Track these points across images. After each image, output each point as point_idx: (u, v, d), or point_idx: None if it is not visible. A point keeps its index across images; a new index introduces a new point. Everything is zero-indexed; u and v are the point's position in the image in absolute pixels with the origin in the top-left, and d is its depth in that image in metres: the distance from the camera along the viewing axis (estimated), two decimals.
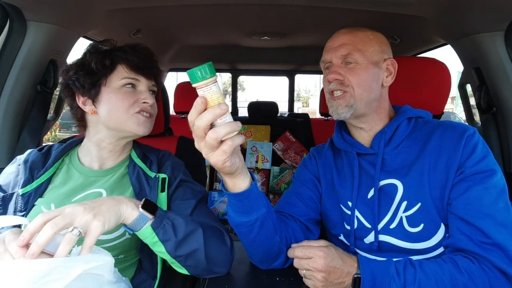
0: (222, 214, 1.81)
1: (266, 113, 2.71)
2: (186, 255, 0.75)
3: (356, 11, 1.35)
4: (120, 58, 0.87)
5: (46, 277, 0.53)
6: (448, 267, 0.70)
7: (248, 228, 0.78)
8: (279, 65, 3.21)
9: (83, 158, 0.93)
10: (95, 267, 0.58)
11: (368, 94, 0.84)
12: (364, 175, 0.88)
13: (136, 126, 0.87)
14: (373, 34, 0.88)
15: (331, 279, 0.72)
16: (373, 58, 0.85)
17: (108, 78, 0.86)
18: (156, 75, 0.93)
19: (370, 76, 0.84)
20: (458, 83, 1.55)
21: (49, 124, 1.38)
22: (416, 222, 0.79)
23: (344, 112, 0.84)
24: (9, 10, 1.13)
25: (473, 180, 0.75)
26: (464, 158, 0.76)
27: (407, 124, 0.87)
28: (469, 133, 0.78)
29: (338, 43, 0.86)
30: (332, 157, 0.97)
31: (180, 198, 0.88)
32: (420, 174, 0.80)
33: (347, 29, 0.88)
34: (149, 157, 0.94)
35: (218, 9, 1.60)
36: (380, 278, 0.70)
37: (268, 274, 0.84)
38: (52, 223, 0.57)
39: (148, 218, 0.71)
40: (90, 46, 0.91)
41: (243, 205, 0.75)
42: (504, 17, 1.17)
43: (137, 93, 0.88)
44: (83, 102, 0.88)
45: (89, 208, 0.62)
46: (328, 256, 0.72)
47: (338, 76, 0.84)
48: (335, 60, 0.86)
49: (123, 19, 1.58)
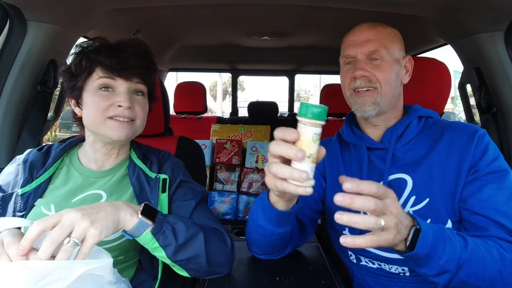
0: (222, 214, 1.81)
1: (266, 113, 2.71)
2: (187, 259, 0.75)
3: (356, 11, 1.35)
4: (94, 60, 0.83)
5: (47, 278, 0.53)
6: (493, 244, 0.70)
7: (270, 234, 0.79)
8: (279, 65, 3.21)
9: (82, 159, 0.92)
10: (96, 268, 0.58)
11: (393, 91, 0.85)
12: (373, 169, 0.87)
13: (110, 131, 0.82)
14: (393, 31, 0.87)
15: (399, 229, 0.59)
16: (396, 55, 0.85)
17: (86, 81, 0.84)
18: (141, 74, 0.86)
19: (394, 73, 0.85)
20: (457, 83, 1.55)
21: (49, 124, 1.38)
22: (423, 217, 0.79)
23: (371, 109, 0.84)
24: (9, 10, 1.13)
25: (486, 180, 0.76)
26: (477, 158, 0.78)
27: (418, 123, 0.88)
28: (480, 133, 0.80)
29: (363, 38, 0.84)
30: (339, 150, 0.96)
31: (180, 199, 0.88)
32: (430, 170, 0.81)
33: (369, 24, 0.86)
34: (149, 158, 0.93)
35: (218, 9, 1.60)
36: (436, 237, 0.63)
37: (268, 274, 0.84)
38: (52, 238, 0.57)
39: (148, 225, 0.70)
40: (75, 47, 0.89)
41: (278, 220, 0.75)
42: (504, 17, 1.17)
43: (114, 95, 0.83)
44: (74, 104, 0.88)
45: (87, 214, 0.61)
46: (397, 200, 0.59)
47: (366, 72, 0.83)
48: (360, 56, 0.84)
49: (123, 19, 1.58)
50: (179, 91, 2.54)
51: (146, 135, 1.07)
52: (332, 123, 2.72)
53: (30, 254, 0.57)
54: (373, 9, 1.34)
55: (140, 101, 0.87)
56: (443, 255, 0.63)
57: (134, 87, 0.86)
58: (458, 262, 0.64)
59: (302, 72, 3.45)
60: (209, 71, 3.65)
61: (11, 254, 0.57)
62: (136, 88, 0.87)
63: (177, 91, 2.55)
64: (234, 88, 3.47)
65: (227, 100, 23.54)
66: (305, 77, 37.78)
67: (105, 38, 0.89)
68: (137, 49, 0.87)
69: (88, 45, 0.87)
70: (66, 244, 0.58)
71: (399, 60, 0.87)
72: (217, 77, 24.92)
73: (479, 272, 0.66)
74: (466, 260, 0.65)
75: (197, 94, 2.55)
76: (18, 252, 0.56)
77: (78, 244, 0.59)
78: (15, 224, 0.64)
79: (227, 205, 1.82)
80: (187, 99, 2.55)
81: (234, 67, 3.27)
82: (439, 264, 0.64)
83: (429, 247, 0.62)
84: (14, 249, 0.57)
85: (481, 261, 0.66)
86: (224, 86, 25.50)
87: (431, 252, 0.63)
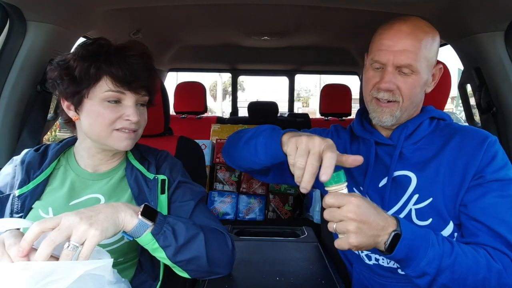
0: (222, 214, 1.81)
1: (266, 113, 2.71)
2: (188, 260, 0.74)
3: (356, 11, 1.35)
4: (104, 70, 0.78)
5: (47, 279, 0.53)
6: (483, 252, 0.71)
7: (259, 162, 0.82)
8: (279, 65, 3.21)
9: (79, 159, 0.90)
10: (96, 268, 0.58)
11: (415, 104, 0.84)
12: (379, 164, 0.87)
13: (117, 142, 0.82)
14: (433, 36, 0.80)
15: (365, 230, 0.65)
16: (429, 66, 0.81)
17: (91, 90, 0.79)
18: (149, 86, 0.85)
19: (421, 86, 0.82)
20: (457, 83, 1.55)
21: (49, 124, 1.38)
22: (425, 216, 0.80)
23: (388, 121, 0.83)
24: (9, 10, 1.13)
25: (491, 187, 0.75)
26: (484, 164, 0.76)
27: (429, 123, 0.87)
28: (490, 140, 0.79)
29: (399, 47, 0.77)
30: (349, 141, 0.96)
31: (179, 200, 0.87)
32: (436, 171, 0.80)
33: (409, 28, 0.78)
34: (147, 159, 0.92)
35: (218, 9, 1.60)
36: (418, 242, 0.67)
37: (268, 274, 0.84)
38: (49, 240, 0.57)
39: (148, 225, 0.70)
40: (78, 47, 0.83)
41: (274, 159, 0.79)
42: (504, 17, 1.17)
43: (121, 108, 0.81)
44: (67, 106, 0.84)
45: (86, 217, 0.61)
46: (362, 205, 0.65)
47: (392, 86, 0.79)
48: (390, 68, 0.79)
49: (123, 19, 1.58)
50: (179, 91, 2.54)
51: (146, 135, 1.07)
52: (332, 123, 2.72)
53: (31, 255, 0.58)
54: (373, 9, 1.34)
55: (143, 111, 0.87)
56: (423, 258, 0.66)
57: (141, 99, 0.85)
58: (438, 267, 0.67)
59: (302, 72, 3.45)
60: (209, 71, 3.65)
61: (12, 255, 0.57)
62: (142, 100, 0.85)
63: (177, 91, 2.55)
64: (234, 88, 3.47)
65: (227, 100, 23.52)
66: (305, 77, 37.79)
67: (108, 40, 0.85)
68: (144, 59, 0.84)
69: (95, 50, 0.81)
70: (66, 248, 0.58)
71: (431, 69, 0.83)
72: (217, 77, 24.91)
73: (461, 278, 0.67)
74: (448, 265, 0.67)
75: (197, 94, 2.55)
76: (18, 253, 0.56)
77: (78, 247, 0.59)
78: (16, 225, 0.64)
79: (227, 205, 1.82)
80: (187, 99, 2.55)
81: (234, 67, 3.27)
82: (419, 266, 0.67)
83: (407, 251, 0.66)
84: (15, 250, 0.57)
85: (465, 268, 0.68)
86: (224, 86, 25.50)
87: (411, 255, 0.67)
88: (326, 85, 2.73)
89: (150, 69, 0.86)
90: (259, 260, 0.91)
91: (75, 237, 0.59)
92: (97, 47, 0.81)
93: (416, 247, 0.66)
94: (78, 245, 0.59)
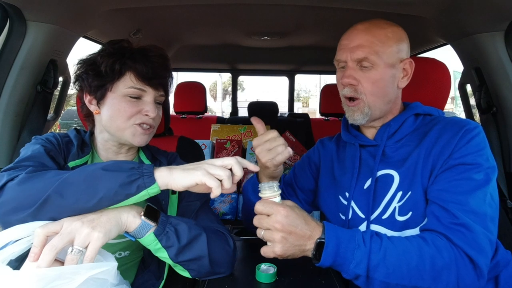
0: (222, 214, 1.81)
1: (266, 113, 2.71)
2: (190, 260, 0.75)
3: (356, 11, 1.35)
4: (129, 66, 0.84)
5: (53, 283, 0.54)
6: (416, 239, 0.70)
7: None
8: (279, 65, 3.21)
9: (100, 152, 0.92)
10: (100, 272, 0.59)
11: (382, 99, 0.84)
12: (364, 166, 0.88)
13: (132, 136, 0.85)
14: (392, 31, 0.83)
15: (291, 241, 0.67)
16: (390, 60, 0.82)
17: (115, 84, 0.84)
18: (165, 84, 0.91)
19: (385, 80, 0.82)
20: (457, 83, 1.55)
21: (49, 124, 1.38)
22: (406, 211, 0.80)
23: (360, 119, 0.85)
24: (9, 10, 1.13)
25: (455, 171, 0.74)
26: (456, 149, 0.75)
27: (414, 120, 0.87)
28: (469, 127, 0.77)
29: (354, 43, 0.81)
30: (336, 148, 0.98)
31: (186, 200, 0.90)
32: (415, 164, 0.80)
33: (364, 26, 0.83)
34: (158, 159, 0.95)
35: (218, 9, 1.60)
36: (344, 245, 0.68)
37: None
38: (50, 245, 0.58)
39: (151, 226, 0.70)
40: (105, 45, 0.88)
41: None
42: (504, 17, 1.17)
43: (141, 103, 0.86)
44: (89, 100, 0.88)
45: (88, 221, 0.62)
46: (289, 216, 0.67)
47: (353, 81, 0.82)
48: (350, 63, 0.82)
49: (123, 19, 1.58)
50: (179, 91, 2.54)
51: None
52: (332, 123, 2.72)
53: None
54: (373, 9, 1.34)
55: (159, 109, 0.91)
56: (352, 261, 0.67)
57: (158, 98, 0.89)
58: (368, 266, 0.67)
59: (302, 72, 3.45)
60: (209, 71, 3.65)
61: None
62: (159, 99, 0.90)
63: (177, 91, 2.55)
64: (234, 88, 3.47)
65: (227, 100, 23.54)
66: (305, 77, 37.82)
67: (130, 43, 0.89)
68: (164, 59, 0.89)
69: (121, 48, 0.86)
70: (70, 253, 0.60)
71: (395, 64, 0.83)
72: (217, 77, 24.94)
73: (396, 270, 0.67)
74: (379, 261, 0.67)
75: (197, 94, 2.55)
76: (30, 259, 0.58)
77: (82, 251, 0.60)
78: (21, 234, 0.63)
79: (227, 205, 1.82)
80: (187, 99, 2.55)
81: (234, 67, 3.27)
82: (349, 269, 0.67)
83: (334, 257, 0.67)
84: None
85: (396, 260, 0.67)
86: (224, 86, 25.50)
87: (339, 260, 0.67)
88: (326, 85, 2.72)
89: (168, 70, 0.91)
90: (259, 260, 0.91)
91: (78, 241, 0.60)
92: (123, 46, 0.86)
93: (342, 252, 0.67)
94: (82, 248, 0.60)
